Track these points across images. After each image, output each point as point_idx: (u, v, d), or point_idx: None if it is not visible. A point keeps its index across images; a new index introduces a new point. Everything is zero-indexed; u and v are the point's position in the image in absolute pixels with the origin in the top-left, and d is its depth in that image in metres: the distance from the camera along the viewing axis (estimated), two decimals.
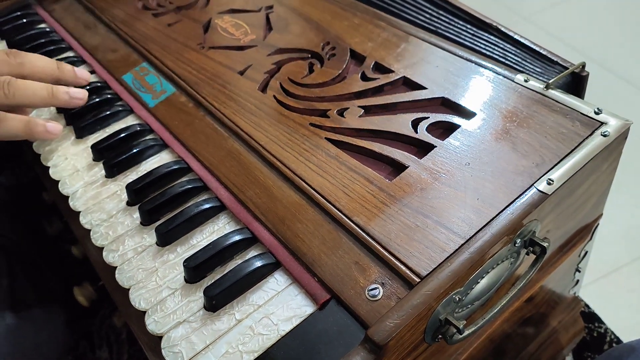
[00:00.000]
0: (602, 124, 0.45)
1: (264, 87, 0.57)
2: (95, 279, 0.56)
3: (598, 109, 0.46)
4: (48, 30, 0.72)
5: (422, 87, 0.52)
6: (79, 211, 0.50)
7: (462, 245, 0.39)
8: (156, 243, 0.46)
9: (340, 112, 0.52)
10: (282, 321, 0.39)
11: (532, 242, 0.42)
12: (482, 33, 0.57)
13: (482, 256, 0.38)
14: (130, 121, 0.58)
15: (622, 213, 1.03)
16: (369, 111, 0.52)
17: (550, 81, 0.49)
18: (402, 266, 0.39)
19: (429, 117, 0.49)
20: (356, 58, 0.58)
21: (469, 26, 0.58)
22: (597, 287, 0.94)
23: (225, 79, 0.58)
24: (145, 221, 0.48)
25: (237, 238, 0.44)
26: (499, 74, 0.51)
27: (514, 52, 0.55)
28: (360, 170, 0.46)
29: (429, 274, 0.38)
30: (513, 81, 0.50)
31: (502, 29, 0.56)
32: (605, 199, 0.55)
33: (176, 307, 0.42)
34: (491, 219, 0.40)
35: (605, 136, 0.44)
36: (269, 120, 0.52)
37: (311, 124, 0.51)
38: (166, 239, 0.46)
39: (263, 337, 0.39)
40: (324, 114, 0.52)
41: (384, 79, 0.54)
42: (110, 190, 0.51)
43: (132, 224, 0.48)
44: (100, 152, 0.54)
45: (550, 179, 0.41)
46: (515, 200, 0.41)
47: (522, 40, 0.55)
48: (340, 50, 0.58)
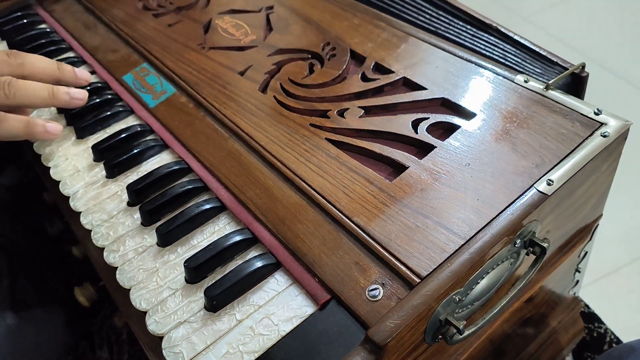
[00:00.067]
0: (601, 124, 0.45)
1: (264, 87, 0.57)
2: (96, 279, 0.56)
3: (598, 109, 0.46)
4: (48, 30, 0.72)
5: (422, 88, 0.52)
6: (79, 212, 0.50)
7: (462, 245, 0.39)
8: (157, 243, 0.46)
9: (341, 113, 0.52)
10: (283, 321, 0.39)
11: (532, 243, 0.42)
12: (482, 34, 0.57)
13: (482, 257, 0.38)
14: (130, 122, 0.58)
15: (622, 214, 1.03)
16: (369, 112, 0.52)
17: (550, 82, 0.49)
18: (403, 267, 0.39)
19: (429, 118, 0.49)
20: (356, 58, 0.58)
21: (468, 27, 0.58)
22: (597, 287, 0.94)
23: (225, 79, 0.58)
24: (146, 222, 0.48)
25: (237, 238, 0.44)
26: (499, 75, 0.51)
27: (513, 52, 0.55)
28: (360, 171, 0.46)
29: (429, 274, 0.38)
30: (513, 82, 0.50)
31: (502, 29, 0.56)
32: (605, 199, 0.55)
33: (177, 307, 0.42)
34: (491, 220, 0.40)
35: (605, 137, 0.44)
36: (269, 121, 0.52)
37: (311, 125, 0.51)
38: (167, 239, 0.46)
39: (263, 337, 0.39)
40: (324, 114, 0.52)
41: (384, 79, 0.54)
42: (111, 191, 0.51)
43: (132, 225, 0.48)
44: (100, 152, 0.54)
45: (550, 180, 0.42)
46: (515, 200, 0.41)
47: (522, 40, 0.55)
48: (341, 50, 0.58)
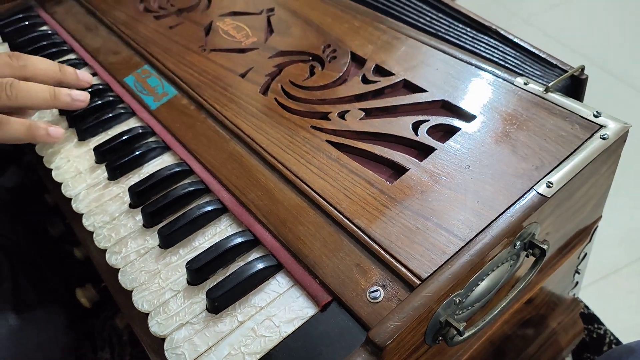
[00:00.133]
0: (601, 127, 0.45)
1: (265, 89, 0.57)
2: (97, 280, 0.57)
3: (597, 112, 0.46)
4: (50, 32, 0.73)
5: (422, 90, 0.52)
6: (81, 213, 0.51)
7: (463, 247, 0.39)
8: (159, 245, 0.47)
9: (341, 115, 0.52)
10: (284, 323, 0.40)
11: (531, 245, 0.43)
12: (482, 36, 0.57)
13: (482, 258, 0.39)
14: (132, 124, 0.58)
15: (621, 215, 1.04)
16: (369, 114, 0.52)
17: (549, 84, 0.49)
18: (403, 268, 0.39)
19: (429, 120, 0.50)
20: (357, 61, 0.58)
21: (468, 29, 0.59)
22: (596, 288, 0.94)
23: (226, 81, 0.58)
24: (148, 223, 0.48)
25: (239, 240, 0.44)
26: (499, 77, 0.51)
27: (513, 55, 0.55)
28: (361, 173, 0.46)
29: (430, 276, 0.38)
30: (513, 84, 0.50)
31: (502, 32, 0.57)
32: (605, 201, 0.55)
33: (179, 309, 0.42)
34: (491, 222, 0.40)
35: (605, 139, 0.44)
36: (270, 123, 0.52)
37: (312, 127, 0.51)
38: (169, 241, 0.46)
39: (265, 338, 0.39)
40: (325, 116, 0.52)
41: (384, 81, 0.54)
42: (112, 193, 0.52)
43: (134, 226, 0.48)
44: (102, 154, 0.55)
45: (549, 182, 0.42)
46: (515, 202, 0.41)
47: (522, 43, 0.55)
48: (341, 52, 0.59)
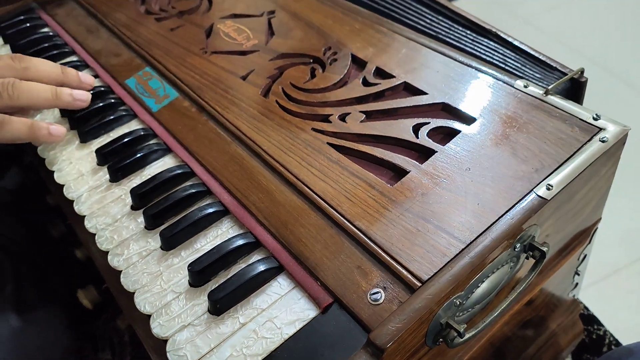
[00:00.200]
0: (600, 129, 0.45)
1: (266, 92, 0.57)
2: (98, 281, 0.57)
3: (597, 114, 0.46)
4: (51, 34, 0.73)
5: (422, 93, 0.53)
6: (84, 215, 0.51)
7: (463, 249, 0.40)
8: (160, 247, 0.47)
9: (342, 117, 0.52)
10: (286, 325, 0.40)
11: (531, 247, 0.43)
12: (482, 39, 0.58)
13: (482, 261, 0.39)
14: (133, 126, 0.58)
15: (620, 216, 1.04)
16: (370, 116, 0.52)
17: (549, 87, 0.49)
18: (404, 270, 0.39)
19: (429, 123, 0.50)
20: (357, 63, 0.58)
21: (468, 32, 0.59)
22: (596, 289, 0.94)
23: (227, 83, 0.58)
24: (150, 225, 0.48)
25: (240, 242, 0.44)
26: (499, 80, 0.52)
27: (513, 57, 0.55)
28: (362, 175, 0.46)
29: (430, 278, 0.38)
30: (513, 87, 0.51)
31: (502, 34, 0.57)
32: (604, 203, 0.55)
33: (181, 310, 0.42)
34: (491, 224, 0.41)
35: (604, 142, 0.44)
36: (271, 125, 0.53)
37: (313, 129, 0.51)
38: (170, 243, 0.46)
39: (267, 340, 0.39)
40: (325, 119, 0.53)
41: (385, 84, 0.54)
42: (114, 195, 0.52)
43: (136, 228, 0.49)
44: (104, 156, 0.55)
45: (549, 184, 0.42)
46: (515, 205, 0.41)
47: (522, 46, 0.55)
48: (342, 55, 0.59)
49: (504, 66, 0.54)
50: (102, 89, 0.63)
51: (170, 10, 0.72)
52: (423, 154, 0.48)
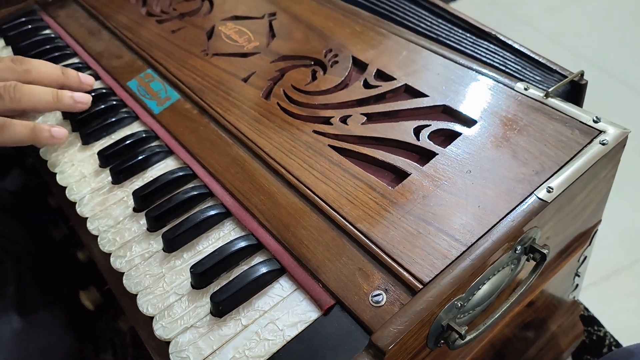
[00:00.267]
0: (600, 132, 0.46)
1: (267, 94, 0.57)
2: (100, 282, 0.57)
3: (597, 117, 0.47)
4: (53, 36, 0.73)
5: (423, 95, 0.53)
6: (86, 217, 0.51)
7: (464, 252, 0.40)
8: (163, 249, 0.47)
9: (343, 120, 0.52)
10: (288, 326, 0.40)
11: (532, 249, 0.43)
12: (482, 41, 0.58)
13: (483, 263, 0.39)
14: (135, 128, 0.59)
15: (621, 217, 1.04)
16: (371, 118, 0.52)
17: (549, 89, 0.50)
18: (405, 272, 0.39)
19: (430, 125, 0.50)
20: (358, 65, 0.59)
21: (468, 34, 0.59)
22: (596, 290, 0.95)
23: (229, 85, 0.59)
24: (152, 227, 0.49)
25: (242, 244, 0.45)
26: (499, 82, 0.52)
27: (514, 60, 0.55)
28: (363, 178, 0.47)
29: (432, 280, 0.39)
30: (513, 89, 0.51)
31: (501, 37, 0.57)
32: (604, 205, 0.55)
33: (183, 312, 0.42)
34: (492, 226, 0.41)
35: (604, 144, 0.45)
36: (272, 127, 0.53)
37: (314, 131, 0.52)
38: (173, 245, 0.46)
39: (269, 342, 0.39)
40: (327, 121, 0.53)
41: (386, 86, 0.55)
42: (117, 197, 0.52)
43: (139, 230, 0.49)
44: (106, 158, 0.55)
45: (550, 187, 0.42)
46: (515, 207, 0.42)
47: (522, 49, 0.56)
48: (343, 57, 0.59)
49: (504, 69, 0.55)
50: (104, 91, 0.63)
51: (172, 12, 0.72)
52: (424, 156, 0.48)
